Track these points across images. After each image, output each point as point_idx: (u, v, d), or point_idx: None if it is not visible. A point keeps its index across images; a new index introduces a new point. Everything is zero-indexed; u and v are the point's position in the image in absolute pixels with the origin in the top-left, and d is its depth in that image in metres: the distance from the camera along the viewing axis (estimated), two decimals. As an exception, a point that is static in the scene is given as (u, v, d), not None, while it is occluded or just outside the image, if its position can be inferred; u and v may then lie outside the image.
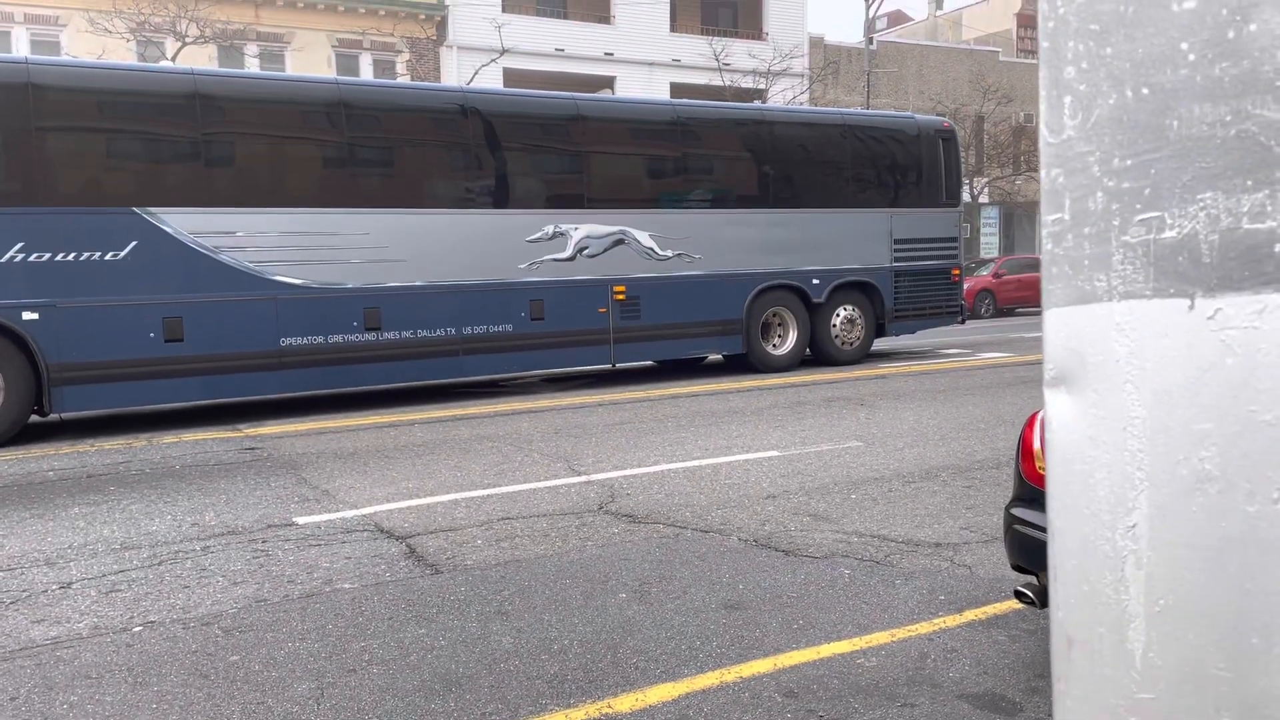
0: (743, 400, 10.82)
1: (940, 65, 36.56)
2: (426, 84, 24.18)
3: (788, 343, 13.71)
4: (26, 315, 9.01)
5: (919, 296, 14.69)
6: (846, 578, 4.63)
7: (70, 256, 9.20)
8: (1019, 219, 38.23)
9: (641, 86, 29.98)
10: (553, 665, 3.67)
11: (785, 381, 12.42)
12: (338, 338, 10.49)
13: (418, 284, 10.92)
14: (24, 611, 4.42)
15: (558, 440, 8.45)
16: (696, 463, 7.37)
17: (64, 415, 9.65)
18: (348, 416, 10.21)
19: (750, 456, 7.54)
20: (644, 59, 30.87)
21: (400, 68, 28.25)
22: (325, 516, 6.02)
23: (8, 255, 8.92)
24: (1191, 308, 0.90)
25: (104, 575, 4.93)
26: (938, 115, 20.60)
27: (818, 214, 13.82)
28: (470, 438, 8.70)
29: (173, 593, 4.63)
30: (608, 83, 30.60)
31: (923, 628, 4.00)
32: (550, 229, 11.76)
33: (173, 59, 22.15)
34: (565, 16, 31.09)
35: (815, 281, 13.71)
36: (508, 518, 5.87)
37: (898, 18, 48.83)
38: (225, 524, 5.89)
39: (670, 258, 12.61)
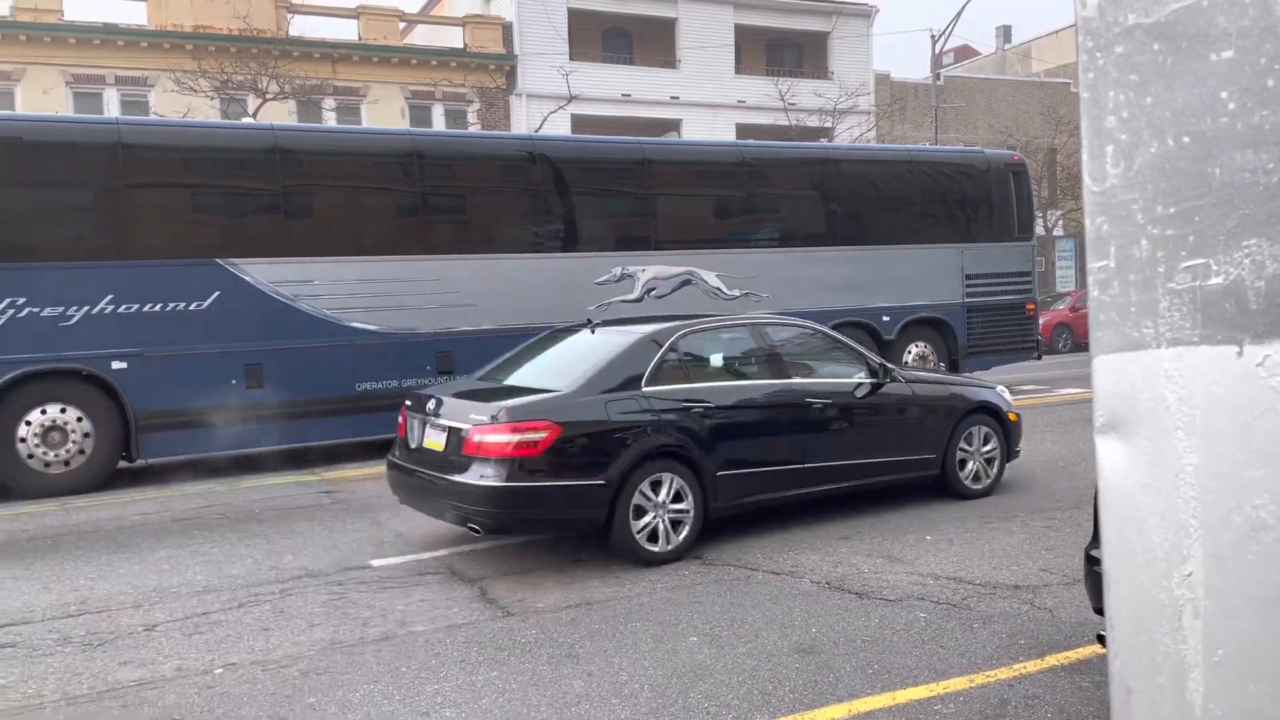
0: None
1: (1009, 98, 36.17)
2: (496, 133, 24.73)
3: (858, 381, 13.56)
4: (115, 365, 9.37)
5: (992, 332, 14.44)
6: (923, 621, 4.55)
7: (157, 307, 9.57)
8: (1096, 250, 37.23)
9: (707, 128, 30.21)
10: (623, 710, 3.67)
11: (856, 420, 12.26)
12: (411, 382, 10.68)
13: (487, 328, 11.09)
14: (111, 653, 4.57)
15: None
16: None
17: (150, 461, 9.97)
18: (421, 459, 10.36)
19: (821, 496, 7.45)
20: (709, 101, 31.13)
21: (471, 117, 28.93)
22: (399, 559, 6.12)
23: (98, 307, 9.31)
24: (1240, 354, 0.89)
25: (187, 618, 5.08)
26: (1008, 149, 20.36)
27: (886, 250, 13.72)
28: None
29: (252, 635, 4.75)
30: (673, 125, 30.92)
31: (1003, 673, 3.91)
32: (618, 271, 11.87)
33: (254, 115, 23.01)
34: (631, 63, 31.58)
35: (885, 318, 13.58)
36: (578, 560, 5.89)
37: (965, 52, 48.52)
38: (303, 567, 6.02)
39: (737, 297, 12.61)
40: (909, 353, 13.79)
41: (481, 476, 5.51)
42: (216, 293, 9.79)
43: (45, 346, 9.08)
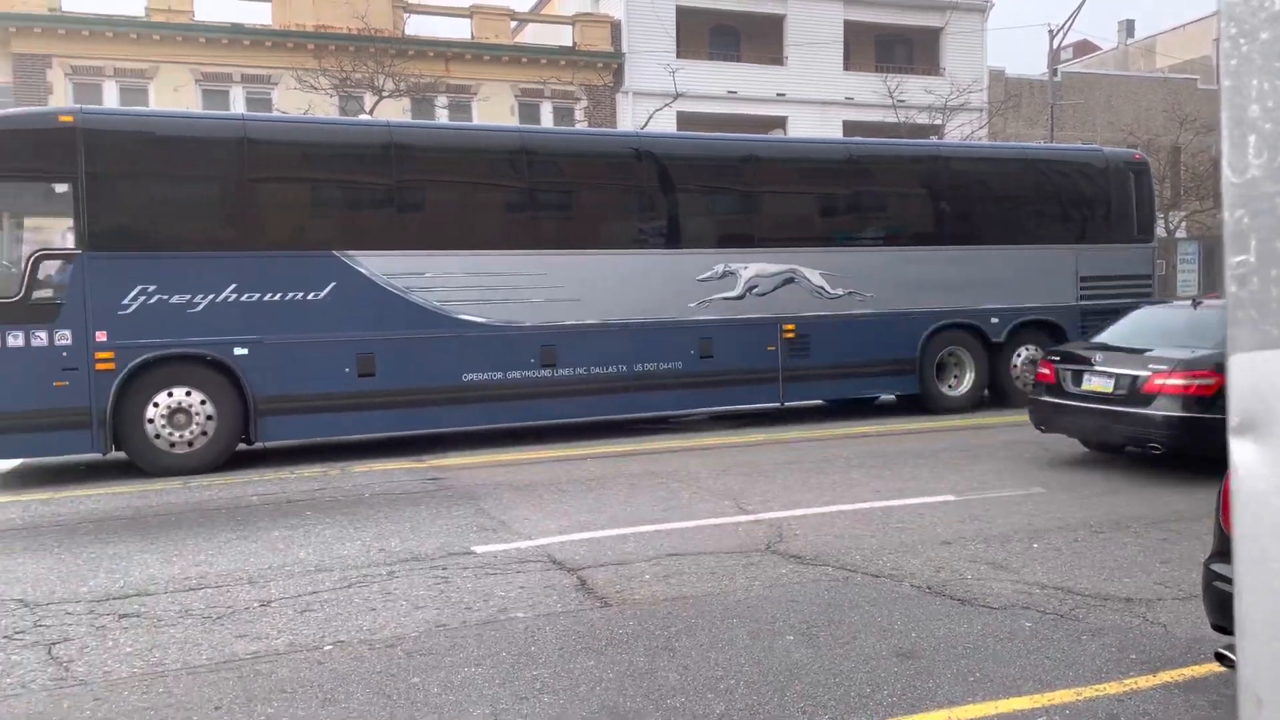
0: (916, 442, 10.52)
1: (1132, 95, 34.75)
2: (603, 130, 24.94)
3: (964, 383, 13.24)
4: (237, 351, 9.79)
5: None
6: (1027, 630, 4.43)
7: (276, 296, 9.96)
8: (1220, 254, 35.54)
9: (814, 126, 29.87)
10: (719, 704, 3.68)
11: (962, 424, 12.00)
12: (516, 374, 10.88)
13: (591, 322, 11.20)
14: (228, 626, 4.79)
15: (726, 478, 8.46)
16: (867, 505, 7.22)
17: (267, 444, 10.39)
18: (524, 450, 10.56)
19: (924, 500, 7.32)
20: (816, 98, 30.78)
21: (578, 114, 29.24)
22: (501, 546, 6.24)
23: (223, 295, 9.74)
24: None
25: (299, 595, 5.28)
26: (1128, 147, 19.59)
27: (997, 251, 13.35)
28: (640, 473, 8.83)
29: (360, 614, 4.91)
30: (779, 123, 30.67)
31: (1111, 688, 3.78)
32: (720, 268, 11.85)
33: (370, 112, 23.71)
34: (738, 59, 31.44)
35: (994, 320, 13.21)
36: (675, 554, 5.92)
37: (1084, 47, 46.74)
38: (409, 550, 6.20)
39: (841, 296, 12.45)
40: (1018, 356, 13.40)
41: (1163, 409, 7.69)
42: (333, 283, 10.13)
43: (173, 332, 9.54)
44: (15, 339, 9.01)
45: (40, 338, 9.11)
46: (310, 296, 10.06)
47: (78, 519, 7.56)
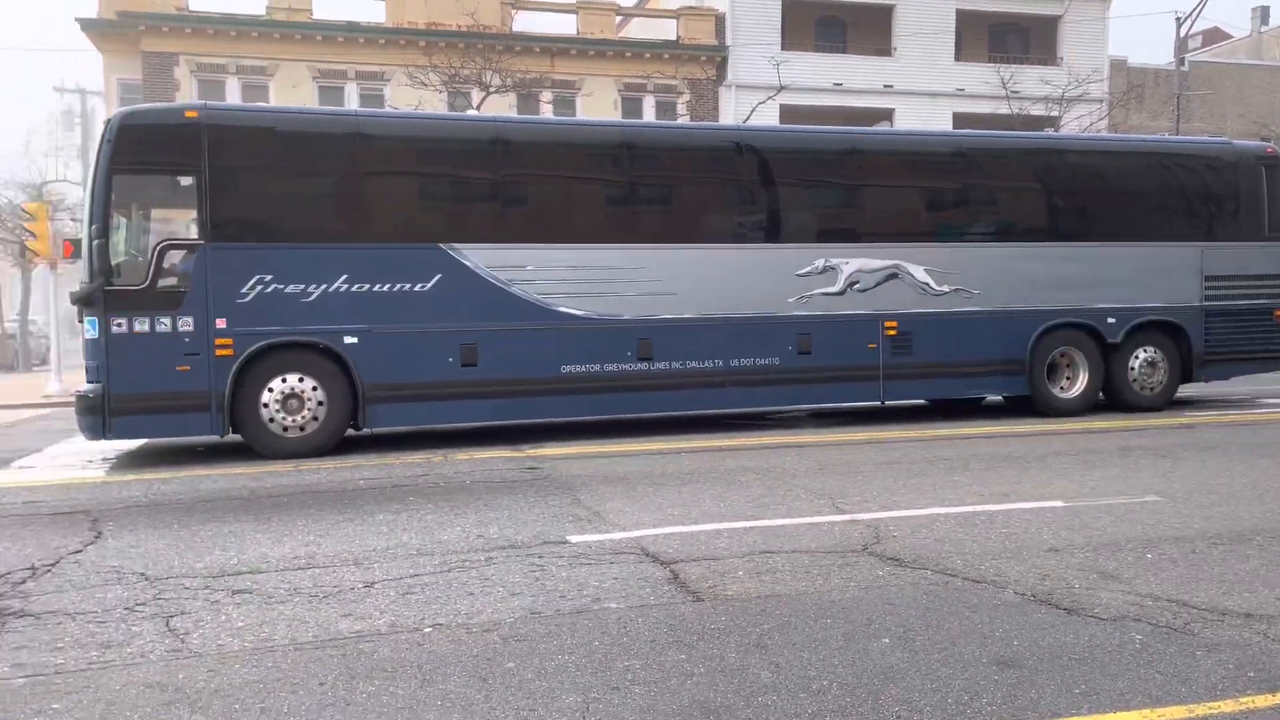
0: (1024, 445, 10.20)
1: (1265, 85, 32.96)
2: (705, 124, 24.89)
3: (1077, 385, 12.77)
4: (347, 339, 10.11)
5: (1234, 338, 13.22)
6: (1138, 643, 4.25)
7: (384, 287, 10.24)
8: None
9: (922, 118, 29.22)
10: (811, 704, 3.63)
11: (1074, 427, 11.59)
12: (613, 366, 10.96)
13: (688, 316, 11.20)
14: (334, 605, 4.95)
15: (822, 477, 8.35)
16: (970, 508, 7.03)
17: (374, 430, 10.70)
18: (620, 442, 10.62)
19: (1031, 505, 7.10)
20: (925, 90, 30.10)
21: (680, 108, 29.23)
22: (596, 537, 6.29)
23: (334, 286, 10.07)
24: None
25: (401, 578, 5.42)
26: (1260, 140, 18.58)
27: (1115, 248, 12.83)
28: (734, 469, 8.79)
29: (459, 598, 5.01)
30: (886, 115, 30.09)
31: (1227, 705, 3.60)
32: (821, 263, 11.70)
33: (478, 107, 24.17)
34: (845, 51, 30.95)
35: (1111, 320, 12.71)
36: (769, 551, 5.88)
37: (1214, 35, 44.50)
38: (506, 538, 6.30)
39: (946, 293, 12.15)
40: (1136, 358, 12.86)
41: None
42: (438, 275, 10.37)
43: (287, 320, 9.91)
44: (142, 325, 9.49)
45: (165, 324, 9.57)
46: (417, 288, 10.31)
47: (196, 498, 7.92)
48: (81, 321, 9.73)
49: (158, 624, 4.67)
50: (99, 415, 9.43)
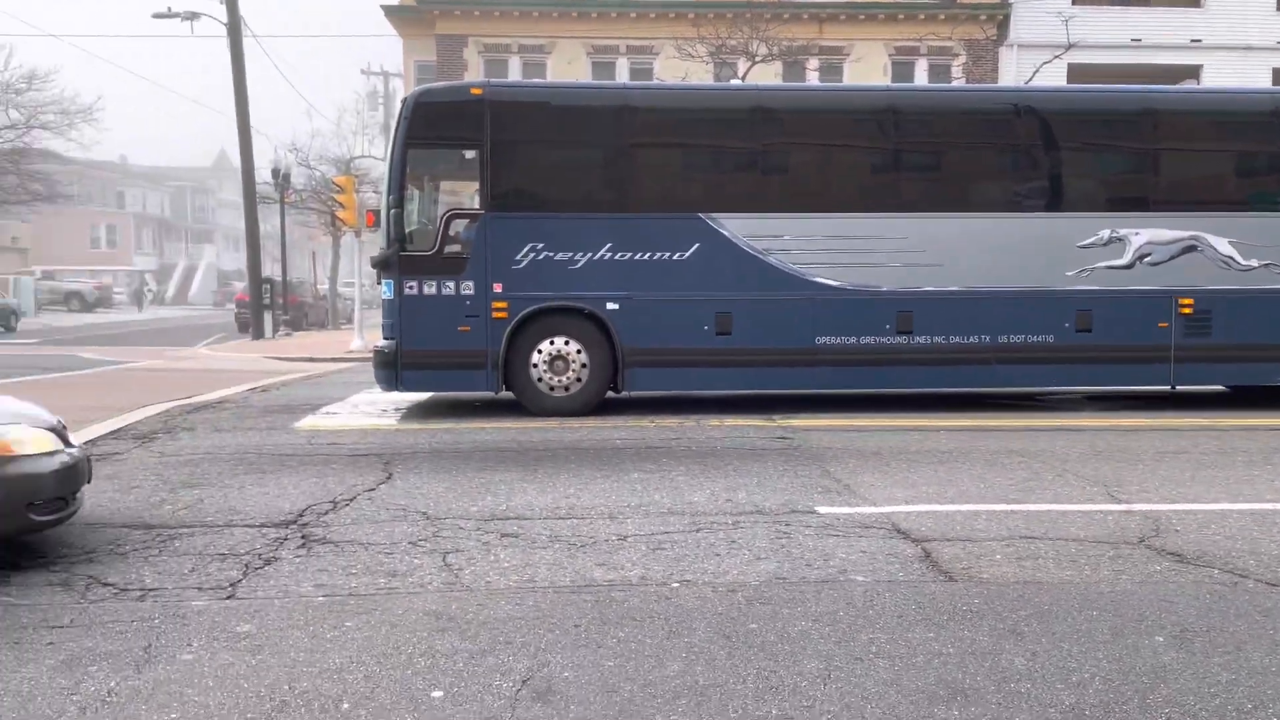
0: (1342, 441, 9.03)
1: None
2: (977, 85, 23.58)
3: None
4: (610, 305, 10.52)
5: None
6: None
7: (645, 256, 10.54)
8: None
9: (1235, 74, 26.19)
10: (1069, 696, 3.45)
11: (1407, 424, 10.10)
12: (869, 339, 10.71)
13: (952, 289, 10.73)
14: (589, 554, 5.22)
15: (1097, 463, 7.79)
16: (1269, 505, 6.34)
17: (631, 394, 11.09)
18: (874, 416, 10.40)
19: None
20: (1239, 43, 26.94)
21: (955, 71, 27.85)
22: (845, 509, 6.23)
23: (599, 254, 10.48)
24: None
25: (652, 534, 5.63)
26: None
27: None
28: (997, 450, 8.38)
29: (706, 558, 5.14)
30: (1192, 73, 27.23)
31: None
32: (1106, 234, 10.82)
33: (743, 78, 24.17)
34: (1145, 3, 28.24)
35: None
36: (1031, 537, 5.58)
37: None
38: (754, 503, 6.37)
39: (1255, 269, 10.91)
40: None
41: None
42: (697, 244, 10.54)
43: (556, 286, 10.44)
44: (430, 288, 10.32)
45: (450, 287, 10.36)
46: (676, 256, 10.54)
47: (472, 447, 8.57)
48: (380, 284, 10.74)
49: (435, 559, 5.13)
50: (392, 369, 10.38)
